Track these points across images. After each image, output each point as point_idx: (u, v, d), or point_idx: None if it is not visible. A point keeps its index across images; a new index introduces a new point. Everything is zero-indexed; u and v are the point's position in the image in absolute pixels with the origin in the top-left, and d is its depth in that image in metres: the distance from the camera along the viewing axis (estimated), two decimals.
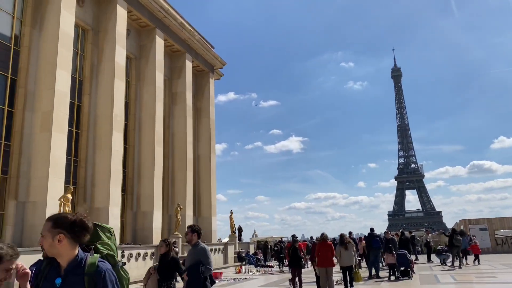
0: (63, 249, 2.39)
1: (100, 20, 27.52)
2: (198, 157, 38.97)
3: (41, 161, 20.86)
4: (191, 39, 36.20)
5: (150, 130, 30.26)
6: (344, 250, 13.57)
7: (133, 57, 31.34)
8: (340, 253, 13.54)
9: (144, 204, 29.06)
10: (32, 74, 22.15)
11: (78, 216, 2.48)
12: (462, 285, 16.20)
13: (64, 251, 2.39)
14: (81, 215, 2.52)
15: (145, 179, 29.48)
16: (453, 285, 15.95)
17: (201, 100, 40.59)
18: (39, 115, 21.57)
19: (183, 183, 33.79)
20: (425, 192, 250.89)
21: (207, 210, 37.82)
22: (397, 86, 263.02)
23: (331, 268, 13.07)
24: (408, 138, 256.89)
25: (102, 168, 25.14)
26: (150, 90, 30.85)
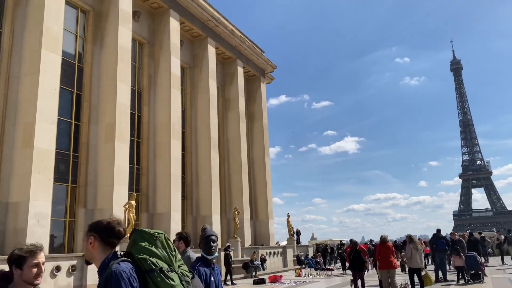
0: (95, 252, 2.46)
1: (155, 33, 28.71)
2: (252, 161, 39.35)
3: (106, 170, 22.05)
4: (241, 45, 36.72)
5: (205, 136, 31.05)
6: (415, 250, 13.05)
7: (187, 67, 32.34)
8: (411, 254, 13.03)
9: (203, 208, 29.80)
10: (95, 89, 23.51)
11: (109, 220, 2.52)
12: None
13: (96, 254, 2.46)
14: (112, 219, 2.54)
15: (203, 184, 30.25)
16: None
17: (253, 104, 41.01)
18: (103, 126, 22.83)
19: (239, 187, 34.27)
20: (493, 190, 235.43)
21: (264, 213, 38.01)
22: (457, 80, 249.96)
23: (393, 270, 12.64)
24: (472, 134, 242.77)
25: (163, 174, 26.12)
26: (204, 98, 31.68)
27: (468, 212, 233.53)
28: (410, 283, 13.26)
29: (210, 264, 4.23)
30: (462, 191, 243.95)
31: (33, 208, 17.55)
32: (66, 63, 22.14)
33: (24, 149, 18.25)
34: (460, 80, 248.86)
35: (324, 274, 25.12)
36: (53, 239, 20.49)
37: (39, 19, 19.49)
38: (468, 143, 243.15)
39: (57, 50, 19.94)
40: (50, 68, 19.32)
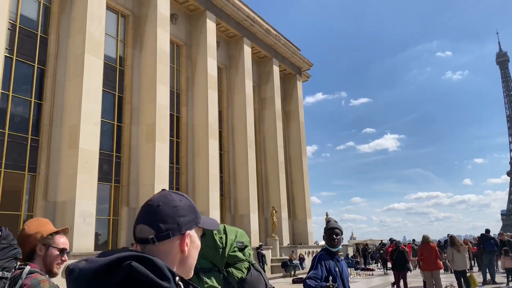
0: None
1: (192, 35, 29.18)
2: (289, 160, 39.21)
3: (147, 170, 22.65)
4: (277, 43, 36.66)
5: (242, 135, 31.24)
6: (457, 252, 12.59)
7: (224, 67, 32.65)
8: (452, 256, 12.58)
9: (241, 207, 30.02)
10: (135, 91, 24.19)
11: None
12: None
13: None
14: None
15: (240, 183, 30.47)
16: None
17: (289, 103, 40.84)
18: (144, 127, 23.46)
19: (276, 186, 34.25)
20: None
21: (302, 212, 37.79)
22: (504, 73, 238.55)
23: (437, 271, 12.24)
24: None
25: (201, 174, 26.54)
26: (241, 98, 31.89)
27: None
28: (457, 285, 12.79)
29: (334, 256, 4.29)
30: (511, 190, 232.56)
31: (79, 207, 18.29)
32: (108, 66, 22.89)
33: (70, 150, 19.05)
34: (507, 73, 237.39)
35: (364, 274, 24.68)
36: (98, 236, 21.26)
37: (82, 25, 20.28)
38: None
39: (99, 54, 20.67)
40: (93, 72, 20.06)
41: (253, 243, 28.18)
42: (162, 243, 1.28)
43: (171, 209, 1.35)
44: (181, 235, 1.32)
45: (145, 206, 1.34)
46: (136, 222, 1.32)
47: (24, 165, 18.93)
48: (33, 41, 20.24)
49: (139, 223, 1.31)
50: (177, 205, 1.37)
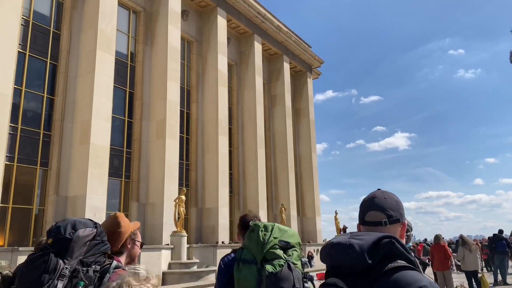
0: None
1: (202, 31, 29.19)
2: (299, 157, 39.11)
3: (157, 166, 22.75)
4: (287, 40, 36.52)
5: (252, 132, 31.22)
6: (468, 252, 12.45)
7: (234, 64, 32.62)
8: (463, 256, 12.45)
9: (250, 204, 30.02)
10: (146, 87, 24.29)
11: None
12: None
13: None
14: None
15: (249, 180, 30.47)
16: None
17: (300, 100, 40.69)
18: (154, 123, 23.55)
19: (285, 184, 34.20)
20: None
21: (311, 210, 37.70)
22: None
23: (448, 271, 12.12)
24: None
25: (211, 170, 26.59)
26: (251, 94, 31.84)
27: None
28: (468, 285, 12.65)
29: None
30: None
31: (90, 202, 18.45)
32: (119, 62, 23.01)
33: (81, 145, 19.21)
34: None
35: None
36: None
37: (93, 21, 20.39)
38: None
39: (110, 50, 20.77)
40: (104, 68, 20.18)
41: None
42: (391, 226, 1.71)
43: (394, 202, 1.77)
44: (402, 223, 1.75)
45: (372, 198, 1.77)
46: (366, 210, 1.75)
47: (36, 159, 19.14)
48: (46, 37, 20.41)
49: (370, 210, 1.74)
50: (397, 200, 1.79)
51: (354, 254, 1.45)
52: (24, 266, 2.31)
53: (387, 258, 1.46)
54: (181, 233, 20.33)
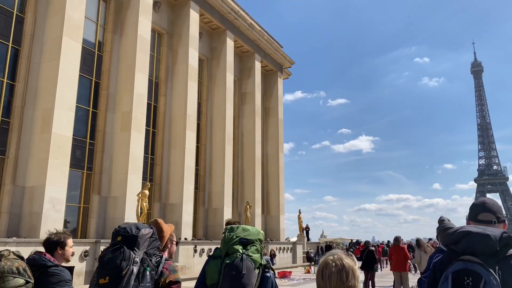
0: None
1: (174, 24, 28.76)
2: (266, 156, 39.30)
3: (121, 159, 22.26)
4: (260, 39, 36.57)
5: (220, 129, 31.09)
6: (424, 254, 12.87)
7: (205, 59, 32.36)
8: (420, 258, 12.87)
9: (215, 201, 29.91)
10: (113, 77, 23.70)
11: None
12: None
13: None
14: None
15: (216, 176, 30.34)
16: None
17: (269, 99, 40.87)
18: (119, 115, 23.02)
19: (252, 182, 34.29)
20: (509, 196, 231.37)
21: (276, 208, 37.99)
22: (477, 82, 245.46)
23: (405, 272, 12.52)
24: (489, 138, 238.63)
25: (176, 165, 26.27)
26: (221, 91, 31.69)
27: None
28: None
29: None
30: (477, 196, 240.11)
31: (49, 193, 17.82)
32: (86, 51, 22.33)
33: (42, 134, 18.52)
34: (480, 83, 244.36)
35: None
36: (67, 224, 20.79)
37: (61, 6, 19.69)
38: (485, 147, 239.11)
39: (77, 38, 20.13)
40: (70, 55, 19.52)
41: None
42: (498, 225, 2.41)
43: (499, 207, 2.53)
44: (504, 223, 2.49)
45: (484, 203, 2.53)
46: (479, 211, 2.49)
47: None
48: (9, 20, 19.53)
49: (483, 212, 2.48)
50: (500, 206, 2.50)
51: (490, 242, 2.11)
52: (105, 256, 3.06)
53: (507, 246, 2.13)
54: None
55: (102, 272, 3.07)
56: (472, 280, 2.07)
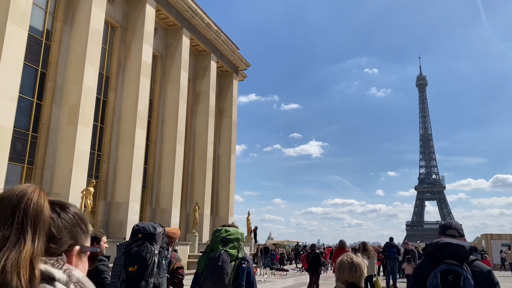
0: None
1: (129, 17, 27.99)
2: (218, 157, 39.18)
3: (65, 154, 21.31)
4: (216, 39, 36.45)
5: (172, 128, 30.59)
6: (367, 258, 13.39)
7: (159, 55, 31.76)
8: None
9: (163, 201, 29.38)
10: (61, 68, 22.67)
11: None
12: None
13: None
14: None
15: (165, 176, 29.80)
16: None
17: (224, 100, 40.81)
18: (66, 108, 22.05)
19: (202, 182, 34.02)
20: (445, 204, 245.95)
21: (225, 210, 37.95)
22: (421, 95, 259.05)
23: None
24: (430, 148, 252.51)
25: (124, 163, 25.53)
26: (174, 89, 31.20)
27: (420, 223, 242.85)
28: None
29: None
30: (416, 203, 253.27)
31: None
32: (32, 39, 21.21)
33: None
34: (424, 96, 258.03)
35: (279, 274, 25.36)
36: None
37: None
38: (426, 157, 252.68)
39: (24, 25, 19.07)
40: (15, 42, 18.46)
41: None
42: (460, 238, 3.30)
43: (460, 226, 3.50)
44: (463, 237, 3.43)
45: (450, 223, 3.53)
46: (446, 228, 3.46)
47: None
48: None
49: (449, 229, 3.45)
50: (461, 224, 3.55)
51: (465, 250, 3.02)
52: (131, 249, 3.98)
53: (471, 254, 3.07)
54: None
55: (130, 262, 4.02)
56: (453, 277, 2.94)
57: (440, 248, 3.10)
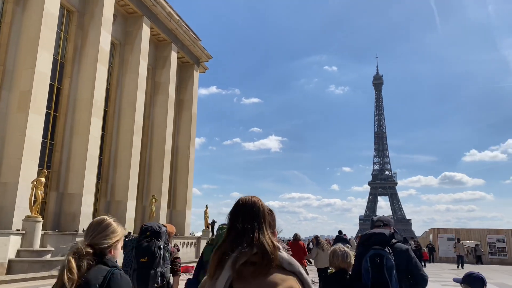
0: None
1: (86, 2, 26.92)
2: (176, 149, 38.66)
3: (15, 142, 20.30)
4: (178, 29, 35.82)
5: (129, 118, 29.82)
6: (321, 251, 13.69)
7: (118, 43, 30.81)
8: (316, 255, 13.66)
9: (118, 193, 28.66)
10: (11, 52, 21.51)
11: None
12: None
13: None
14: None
15: (121, 168, 29.06)
16: None
17: (184, 92, 40.25)
18: (17, 94, 20.97)
19: (159, 175, 33.47)
20: (396, 199, 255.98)
21: (182, 203, 37.59)
22: (377, 94, 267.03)
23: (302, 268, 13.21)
24: (384, 146, 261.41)
25: (78, 153, 24.65)
26: (133, 78, 30.40)
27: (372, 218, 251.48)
28: (318, 281, 13.92)
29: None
30: (369, 198, 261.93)
31: None
32: None
33: None
34: (380, 95, 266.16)
35: None
36: None
37: None
38: (379, 154, 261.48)
39: None
40: None
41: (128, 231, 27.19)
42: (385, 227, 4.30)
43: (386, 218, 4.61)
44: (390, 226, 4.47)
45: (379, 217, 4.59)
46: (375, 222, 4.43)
47: None
48: None
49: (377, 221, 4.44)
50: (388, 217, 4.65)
51: (385, 237, 3.83)
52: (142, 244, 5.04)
53: (392, 238, 3.80)
54: (36, 218, 18.51)
55: (141, 254, 5.10)
56: (379, 259, 3.77)
57: (368, 238, 4.01)
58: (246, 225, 1.90)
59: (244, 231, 1.89)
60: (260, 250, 1.82)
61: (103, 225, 2.50)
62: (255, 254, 1.82)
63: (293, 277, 1.85)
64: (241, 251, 1.82)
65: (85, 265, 2.27)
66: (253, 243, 1.84)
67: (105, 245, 2.42)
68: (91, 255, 2.33)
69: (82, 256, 2.28)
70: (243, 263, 1.80)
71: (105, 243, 2.42)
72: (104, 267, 2.33)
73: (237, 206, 1.99)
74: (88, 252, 2.32)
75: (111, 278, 2.28)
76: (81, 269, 2.24)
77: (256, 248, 1.83)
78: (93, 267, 2.31)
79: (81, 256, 2.28)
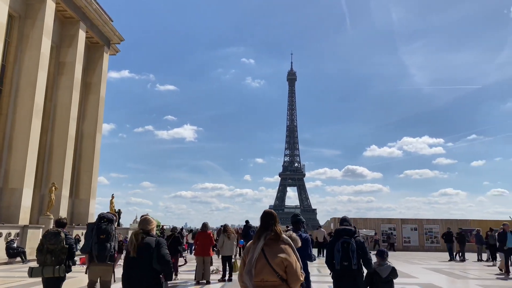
0: None
1: None
2: (81, 135, 36.40)
3: None
4: (87, 7, 33.57)
5: (28, 99, 27.36)
6: (227, 239, 13.93)
7: (17, 16, 28.02)
8: (223, 243, 13.87)
9: (13, 180, 26.26)
10: None
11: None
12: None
13: None
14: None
15: (17, 152, 26.62)
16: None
17: (91, 74, 37.92)
18: None
19: (61, 161, 31.27)
20: (304, 190, 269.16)
21: (86, 192, 35.61)
22: (291, 89, 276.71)
23: (208, 257, 13.33)
24: (295, 139, 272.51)
25: None
26: (33, 55, 27.89)
27: (281, 208, 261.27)
28: (222, 269, 14.17)
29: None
30: (279, 188, 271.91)
31: None
32: None
33: None
34: (293, 90, 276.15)
35: None
36: None
37: None
38: (290, 146, 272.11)
39: None
40: None
41: (22, 221, 25.11)
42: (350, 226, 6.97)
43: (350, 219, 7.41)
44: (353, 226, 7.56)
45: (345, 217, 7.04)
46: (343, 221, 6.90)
47: None
48: None
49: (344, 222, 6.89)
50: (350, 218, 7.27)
51: (352, 231, 6.51)
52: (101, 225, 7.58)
53: (355, 232, 6.57)
54: None
55: (101, 233, 7.46)
56: (347, 244, 6.26)
57: (341, 231, 6.49)
58: (269, 221, 4.00)
59: (268, 225, 3.98)
60: (274, 233, 3.91)
61: (146, 220, 5.45)
62: (273, 234, 3.90)
63: (288, 246, 3.89)
64: (267, 233, 3.91)
65: (139, 237, 5.16)
66: (272, 230, 3.93)
67: (147, 229, 5.32)
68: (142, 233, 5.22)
69: (137, 234, 5.19)
70: (268, 238, 3.87)
71: (148, 228, 5.33)
72: (152, 238, 5.22)
73: (264, 214, 4.10)
74: (140, 232, 5.23)
75: (158, 240, 5.21)
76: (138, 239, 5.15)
77: (273, 232, 3.91)
78: (145, 238, 5.17)
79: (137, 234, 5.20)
